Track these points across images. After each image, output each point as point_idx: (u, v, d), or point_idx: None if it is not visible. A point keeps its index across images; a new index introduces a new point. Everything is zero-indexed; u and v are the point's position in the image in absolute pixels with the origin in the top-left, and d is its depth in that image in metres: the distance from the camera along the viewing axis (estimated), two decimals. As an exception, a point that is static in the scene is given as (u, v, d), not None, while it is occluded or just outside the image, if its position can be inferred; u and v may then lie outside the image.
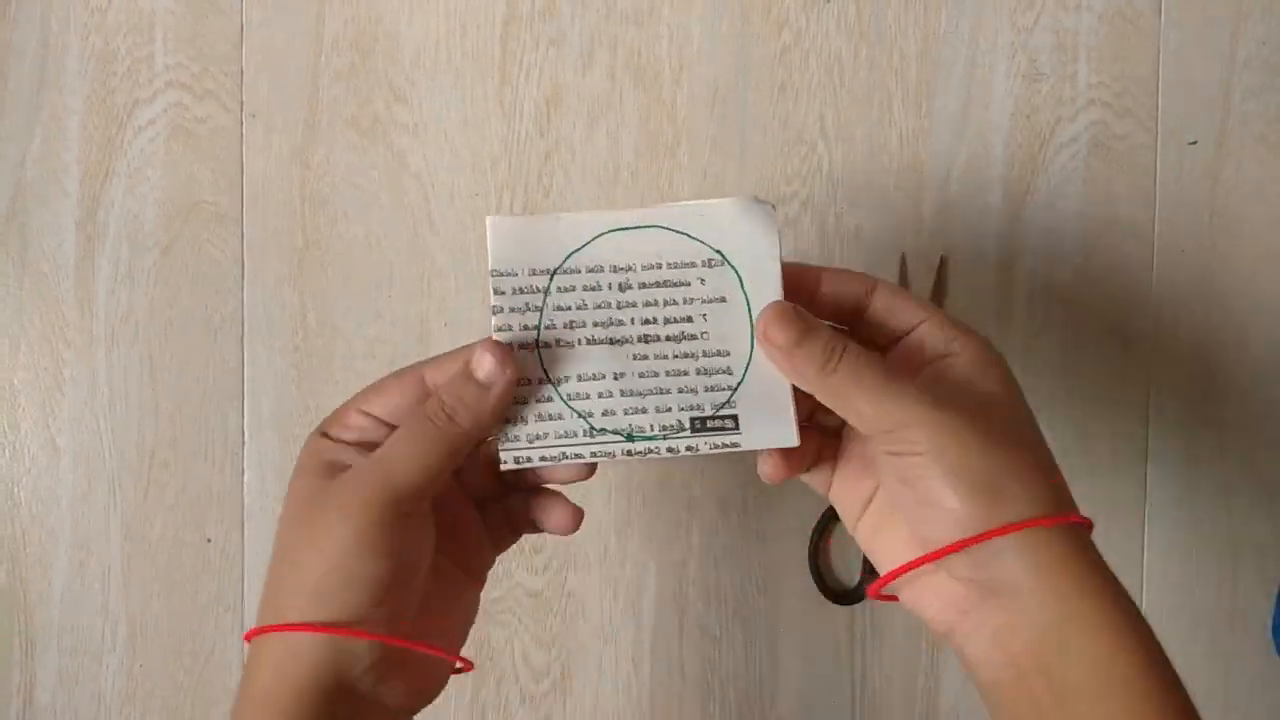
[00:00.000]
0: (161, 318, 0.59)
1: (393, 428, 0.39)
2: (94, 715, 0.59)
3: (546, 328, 0.40)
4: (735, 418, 0.40)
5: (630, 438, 0.40)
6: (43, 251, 0.59)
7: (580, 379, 0.40)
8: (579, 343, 0.40)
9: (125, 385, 0.59)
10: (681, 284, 0.41)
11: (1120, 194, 0.58)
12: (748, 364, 0.41)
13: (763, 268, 0.41)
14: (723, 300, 0.41)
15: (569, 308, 0.40)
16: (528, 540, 0.51)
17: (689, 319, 0.41)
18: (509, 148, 0.58)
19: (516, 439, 0.40)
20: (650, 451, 0.40)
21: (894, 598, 0.41)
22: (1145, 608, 0.58)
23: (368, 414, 0.40)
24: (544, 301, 0.40)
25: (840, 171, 0.58)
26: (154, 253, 0.59)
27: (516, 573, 0.59)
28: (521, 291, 0.40)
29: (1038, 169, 0.58)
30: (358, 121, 0.58)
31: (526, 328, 0.40)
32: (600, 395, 0.40)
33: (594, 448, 0.40)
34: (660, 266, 0.41)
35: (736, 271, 0.41)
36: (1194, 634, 0.59)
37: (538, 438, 0.40)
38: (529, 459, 0.40)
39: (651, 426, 0.40)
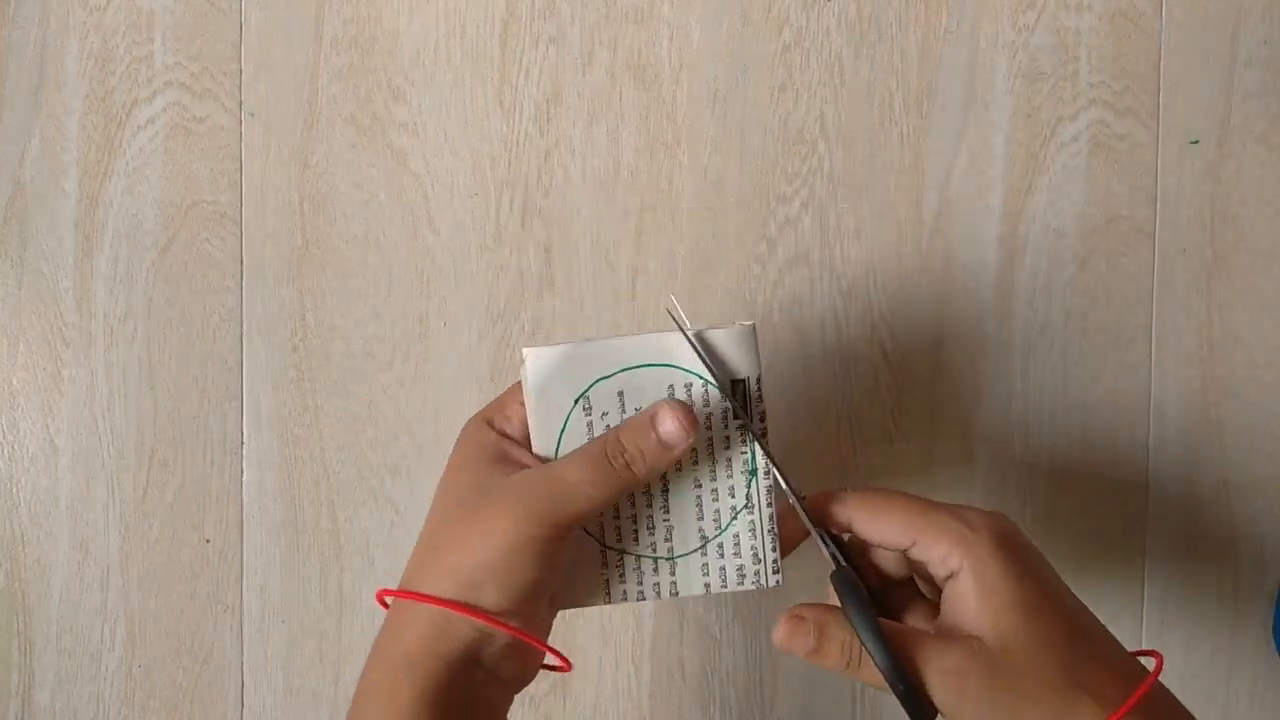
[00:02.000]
0: (160, 317, 0.59)
1: None
2: (92, 715, 0.59)
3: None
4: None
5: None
6: (41, 251, 0.59)
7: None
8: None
9: (124, 385, 0.59)
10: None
11: (1120, 194, 0.58)
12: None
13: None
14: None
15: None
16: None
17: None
18: (509, 147, 0.58)
19: None
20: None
21: None
22: (1145, 609, 0.58)
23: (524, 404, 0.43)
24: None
25: (840, 171, 0.58)
26: (153, 252, 0.59)
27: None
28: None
29: (1038, 168, 0.58)
30: (357, 120, 0.58)
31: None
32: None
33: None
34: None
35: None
36: (1194, 634, 0.59)
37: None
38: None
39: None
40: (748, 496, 0.43)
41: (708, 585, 0.43)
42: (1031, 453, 0.58)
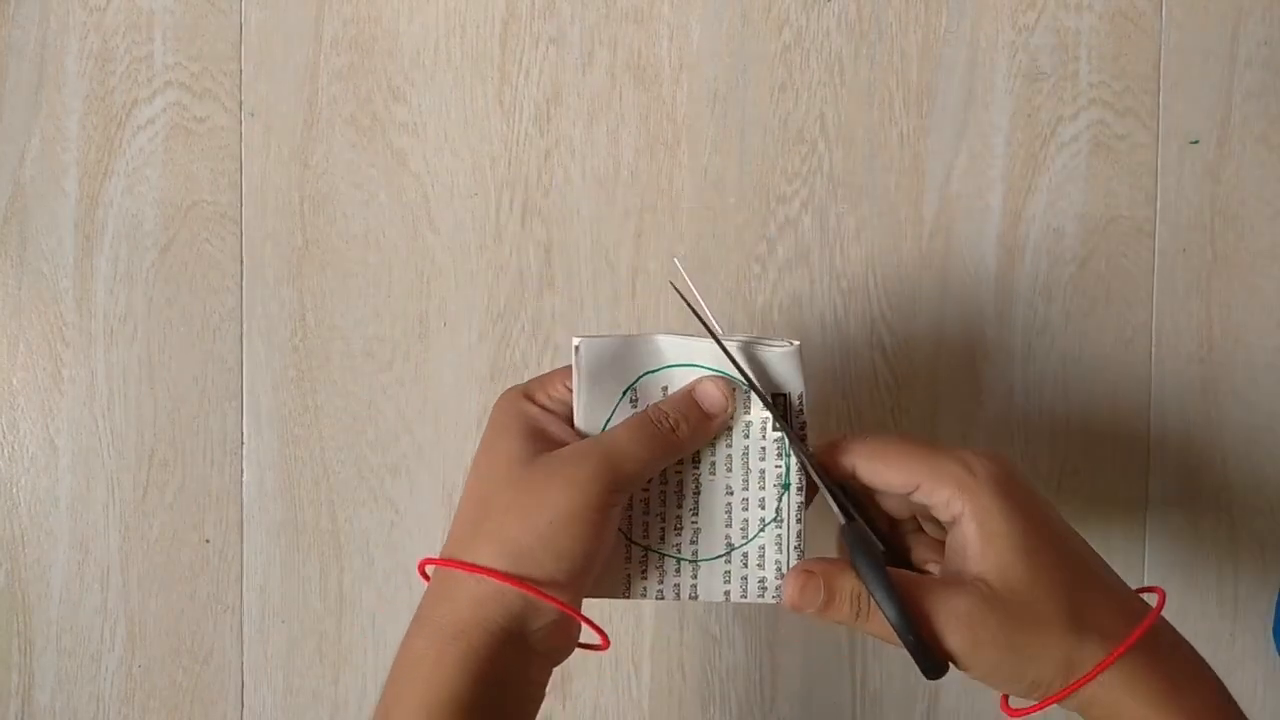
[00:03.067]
0: (160, 317, 0.59)
1: None
2: (92, 715, 0.59)
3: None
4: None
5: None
6: (41, 251, 0.59)
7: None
8: None
9: (124, 385, 0.59)
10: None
11: (1120, 194, 0.58)
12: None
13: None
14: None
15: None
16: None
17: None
18: (509, 146, 0.58)
19: None
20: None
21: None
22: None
23: (570, 390, 0.43)
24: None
25: (840, 171, 0.58)
26: (153, 252, 0.59)
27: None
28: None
29: (1038, 168, 0.58)
30: (357, 120, 0.58)
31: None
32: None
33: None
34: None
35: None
36: (1194, 635, 0.58)
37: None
38: None
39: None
40: (778, 511, 0.43)
41: (728, 593, 0.43)
42: (1031, 452, 0.58)
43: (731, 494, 0.43)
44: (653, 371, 0.43)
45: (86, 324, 0.59)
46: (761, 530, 0.43)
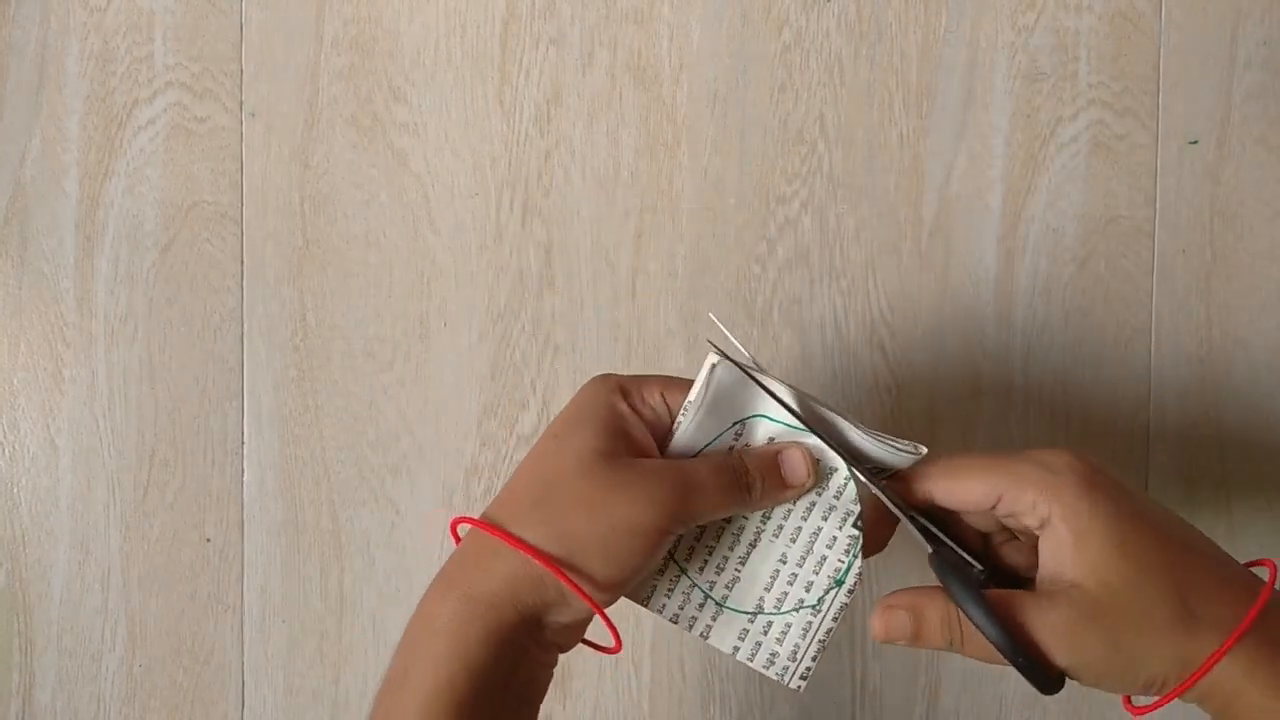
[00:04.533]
0: (161, 317, 0.59)
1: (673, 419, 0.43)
2: (93, 715, 0.59)
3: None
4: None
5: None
6: (42, 251, 0.59)
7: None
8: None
9: (124, 385, 0.59)
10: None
11: (1120, 194, 0.58)
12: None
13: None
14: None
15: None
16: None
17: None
18: (509, 147, 0.58)
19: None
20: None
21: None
22: (1145, 608, 0.58)
23: (666, 401, 0.43)
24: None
25: (840, 171, 0.58)
26: (153, 252, 0.59)
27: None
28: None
29: (1038, 169, 0.58)
30: (357, 121, 0.58)
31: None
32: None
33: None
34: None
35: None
36: (1194, 634, 0.59)
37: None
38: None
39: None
40: (820, 600, 0.42)
41: (736, 649, 0.43)
42: (1031, 453, 0.58)
43: (784, 563, 0.43)
44: (768, 418, 0.42)
45: (87, 324, 0.59)
46: (796, 610, 0.42)
